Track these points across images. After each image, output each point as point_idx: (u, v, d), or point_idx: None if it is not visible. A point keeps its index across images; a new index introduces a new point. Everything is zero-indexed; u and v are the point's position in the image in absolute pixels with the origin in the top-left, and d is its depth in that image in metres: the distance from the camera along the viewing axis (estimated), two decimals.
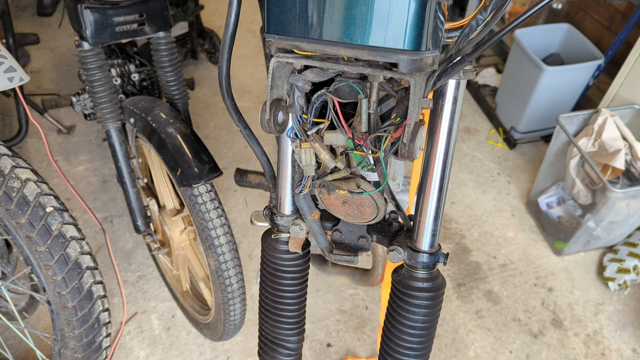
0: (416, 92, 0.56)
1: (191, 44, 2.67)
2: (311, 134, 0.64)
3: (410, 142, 0.57)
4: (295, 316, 0.83)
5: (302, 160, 0.66)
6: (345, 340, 1.68)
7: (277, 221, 0.78)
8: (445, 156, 0.65)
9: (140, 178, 1.55)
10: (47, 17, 3.11)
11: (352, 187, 0.67)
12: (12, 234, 1.07)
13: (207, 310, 1.55)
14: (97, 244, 1.90)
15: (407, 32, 0.51)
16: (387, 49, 0.52)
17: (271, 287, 0.82)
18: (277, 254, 0.79)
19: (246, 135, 0.69)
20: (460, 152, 2.39)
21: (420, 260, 0.70)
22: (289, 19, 0.55)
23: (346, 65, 0.57)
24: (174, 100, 1.40)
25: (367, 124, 0.61)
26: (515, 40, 2.21)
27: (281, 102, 0.62)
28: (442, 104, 0.62)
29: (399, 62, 0.52)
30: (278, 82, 0.61)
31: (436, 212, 0.69)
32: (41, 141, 2.28)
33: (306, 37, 0.55)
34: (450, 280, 1.86)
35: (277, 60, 0.59)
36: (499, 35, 0.53)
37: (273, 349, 0.85)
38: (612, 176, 1.79)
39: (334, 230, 0.81)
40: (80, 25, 1.20)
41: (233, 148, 2.34)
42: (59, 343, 1.21)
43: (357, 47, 0.53)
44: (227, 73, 0.61)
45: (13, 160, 1.06)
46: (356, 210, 0.72)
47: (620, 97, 1.94)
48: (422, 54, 0.53)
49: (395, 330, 0.73)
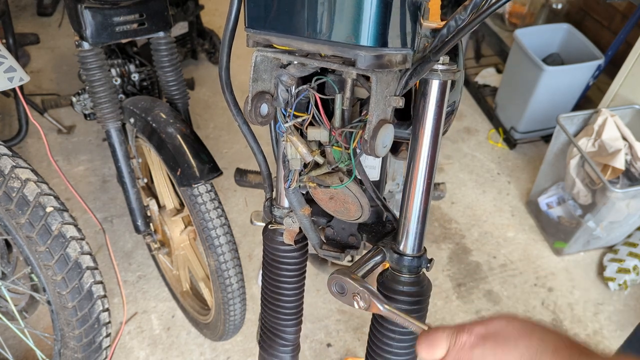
0: (378, 89, 0.55)
1: (191, 44, 2.67)
2: (287, 127, 0.64)
3: (372, 139, 0.56)
4: (293, 307, 0.84)
5: (288, 153, 0.67)
6: (345, 340, 1.68)
7: (274, 213, 0.79)
8: (429, 159, 0.64)
9: (140, 178, 1.55)
10: (47, 17, 3.11)
11: (335, 182, 0.67)
12: (12, 234, 1.07)
13: (207, 310, 1.55)
14: (97, 244, 1.90)
15: (368, 29, 0.51)
16: (346, 44, 0.52)
17: (270, 277, 0.83)
18: (275, 245, 0.80)
19: (244, 130, 0.69)
20: (460, 152, 2.39)
21: (404, 264, 0.69)
22: (262, 13, 0.56)
23: (318, 61, 0.57)
24: (174, 100, 1.40)
25: (341, 119, 0.61)
26: (515, 40, 2.21)
27: (266, 95, 0.63)
28: (425, 105, 0.61)
29: (357, 58, 0.52)
30: (264, 75, 0.62)
31: (421, 215, 0.67)
32: (41, 141, 2.28)
33: (275, 31, 0.56)
34: (450, 280, 1.86)
35: (260, 54, 0.60)
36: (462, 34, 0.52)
37: (272, 338, 0.86)
38: (612, 176, 1.79)
39: (327, 227, 0.81)
40: (80, 25, 1.20)
41: (233, 148, 2.34)
42: (59, 343, 1.21)
43: (319, 41, 0.54)
44: (227, 66, 0.62)
45: (13, 160, 1.06)
46: (342, 207, 0.72)
47: (620, 97, 1.94)
48: (384, 51, 0.52)
49: (379, 335, 0.73)
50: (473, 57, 2.88)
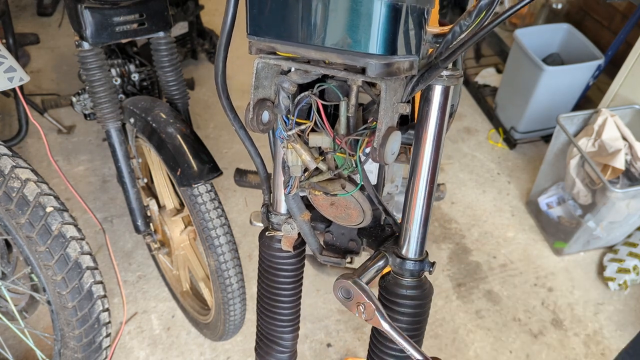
0: (387, 97, 0.55)
1: (191, 44, 2.67)
2: (291, 134, 0.64)
3: (381, 147, 0.56)
4: (290, 314, 0.84)
5: (288, 160, 0.66)
6: (345, 340, 1.68)
7: (272, 219, 0.79)
8: (432, 163, 0.64)
9: (140, 178, 1.55)
10: (47, 17, 3.11)
11: (337, 189, 0.67)
12: (12, 234, 1.07)
13: (207, 310, 1.55)
14: (97, 244, 1.90)
15: (377, 37, 0.51)
16: (355, 52, 0.52)
17: (267, 284, 0.82)
18: (272, 252, 0.80)
19: (241, 135, 0.69)
20: (460, 152, 2.39)
21: (406, 268, 0.69)
22: (265, 20, 0.55)
23: (323, 68, 0.57)
24: (174, 100, 1.40)
25: (346, 126, 0.61)
26: (515, 40, 2.21)
27: (267, 102, 0.63)
28: (428, 110, 0.61)
29: (367, 66, 0.52)
30: (265, 82, 0.62)
31: (423, 219, 0.67)
32: (41, 141, 2.28)
33: (281, 38, 0.55)
34: (450, 280, 1.86)
35: (261, 61, 0.59)
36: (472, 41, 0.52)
37: (268, 345, 0.85)
38: (612, 176, 1.79)
39: (326, 232, 0.81)
40: (80, 25, 1.20)
41: (233, 148, 2.34)
42: (59, 343, 1.21)
43: (327, 49, 0.53)
44: (223, 71, 0.62)
45: (13, 160, 1.06)
46: (343, 213, 0.72)
47: (620, 97, 1.94)
48: (394, 59, 0.52)
49: (380, 338, 0.73)
50: (473, 57, 2.88)
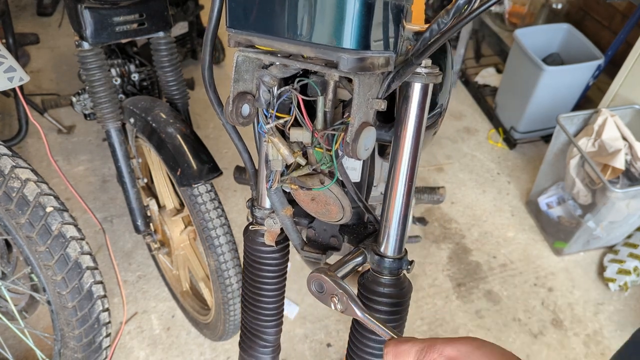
0: (361, 92, 0.55)
1: (191, 44, 2.67)
2: (269, 128, 0.64)
3: (353, 142, 0.56)
4: (273, 308, 0.84)
5: (269, 154, 0.67)
6: (345, 340, 1.68)
7: (255, 213, 0.79)
8: (411, 161, 0.64)
9: (140, 178, 1.55)
10: (47, 17, 3.11)
11: (315, 184, 0.67)
12: (12, 234, 1.07)
13: (207, 310, 1.55)
14: (97, 244, 1.90)
15: (350, 31, 0.51)
16: (328, 46, 0.52)
17: (250, 278, 0.83)
18: (255, 246, 0.80)
19: (229, 130, 0.69)
20: (460, 152, 2.39)
21: (384, 266, 0.69)
22: (243, 13, 0.56)
23: (301, 63, 0.57)
24: (174, 100, 1.40)
25: (323, 121, 0.61)
26: (515, 40, 2.21)
27: (247, 95, 0.63)
28: (407, 107, 0.61)
29: (339, 60, 0.52)
30: (245, 75, 0.62)
31: (402, 217, 0.67)
32: (41, 141, 2.28)
33: (258, 31, 0.56)
34: (450, 280, 1.86)
35: (241, 55, 0.60)
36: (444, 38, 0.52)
37: (252, 339, 0.86)
38: (612, 176, 1.79)
39: (308, 228, 0.81)
40: (80, 25, 1.20)
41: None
42: (59, 343, 1.21)
43: (301, 43, 0.53)
44: (209, 65, 0.62)
45: (13, 160, 1.06)
46: (324, 209, 0.72)
47: (620, 97, 1.94)
48: (367, 54, 0.52)
49: (359, 336, 0.73)
50: (473, 57, 2.88)
